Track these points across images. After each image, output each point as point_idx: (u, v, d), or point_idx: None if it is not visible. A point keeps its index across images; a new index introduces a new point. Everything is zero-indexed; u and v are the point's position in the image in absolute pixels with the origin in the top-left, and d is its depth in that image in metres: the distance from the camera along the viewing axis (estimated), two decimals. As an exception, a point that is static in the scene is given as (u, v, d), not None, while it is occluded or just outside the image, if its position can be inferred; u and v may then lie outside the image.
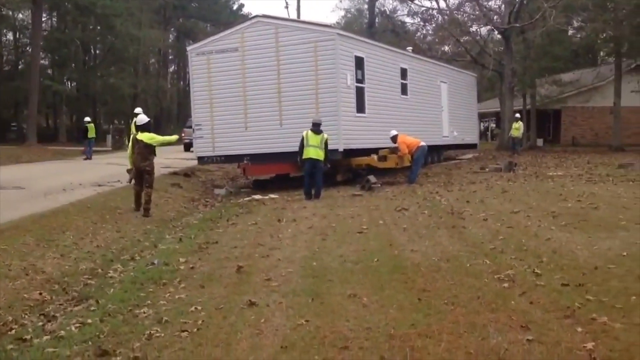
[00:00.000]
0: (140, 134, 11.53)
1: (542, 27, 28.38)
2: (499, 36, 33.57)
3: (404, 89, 19.54)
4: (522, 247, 7.20)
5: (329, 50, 15.38)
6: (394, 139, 15.99)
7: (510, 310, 4.93)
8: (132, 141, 11.93)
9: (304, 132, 13.34)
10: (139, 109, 19.14)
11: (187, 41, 50.59)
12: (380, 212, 10.67)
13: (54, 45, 43.74)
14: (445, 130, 23.35)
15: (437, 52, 35.40)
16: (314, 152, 13.16)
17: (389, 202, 11.98)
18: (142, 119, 11.89)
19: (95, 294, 6.40)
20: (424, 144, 16.25)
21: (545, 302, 5.11)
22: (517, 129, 27.39)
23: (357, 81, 16.35)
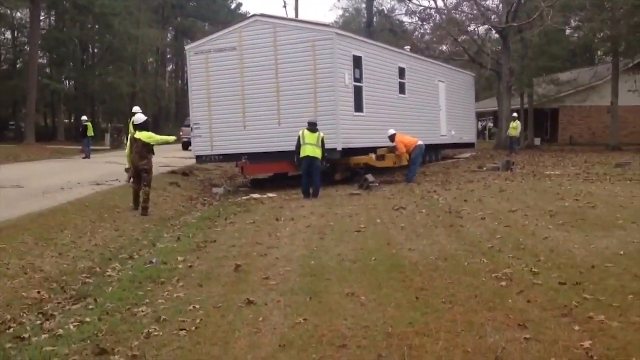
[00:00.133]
0: (138, 133, 11.54)
1: (539, 26, 28.40)
2: (496, 35, 33.59)
3: (402, 88, 19.55)
4: (520, 246, 7.22)
5: (327, 49, 15.39)
6: (392, 137, 16.00)
7: (507, 308, 4.95)
8: (130, 140, 11.93)
9: (300, 131, 13.35)
10: (136, 108, 19.15)
11: (185, 40, 50.65)
12: (378, 211, 10.68)
13: (52, 44, 43.70)
14: (443, 129, 23.39)
15: (435, 52, 35.44)
16: (311, 150, 13.17)
17: (386, 201, 11.99)
18: (140, 118, 11.89)
19: (93, 292, 6.41)
20: (421, 143, 16.28)
21: (542, 300, 5.12)
22: (514, 128, 27.44)
23: (355, 80, 16.36)
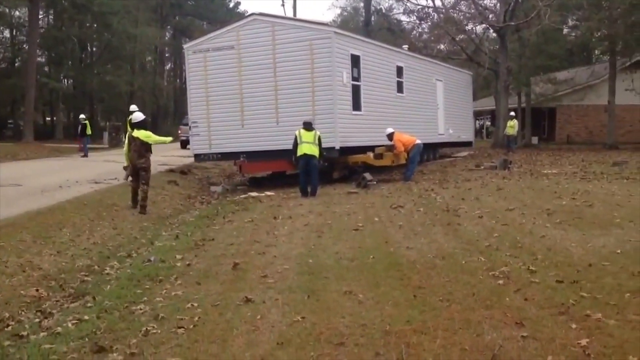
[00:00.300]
0: (136, 132, 11.54)
1: (537, 25, 28.42)
2: (494, 34, 33.58)
3: (400, 87, 19.55)
4: (517, 245, 7.24)
5: (325, 48, 15.39)
6: (390, 136, 16.00)
7: (505, 307, 4.96)
8: (128, 138, 11.95)
9: (297, 131, 13.35)
10: (134, 106, 19.17)
11: (184, 39, 50.60)
12: (376, 210, 10.69)
13: (51, 42, 43.67)
14: (440, 128, 23.40)
15: (433, 51, 35.45)
16: (308, 148, 13.17)
17: (384, 200, 12.01)
18: (138, 117, 11.90)
19: (91, 290, 6.42)
20: (419, 142, 16.28)
21: (539, 298, 5.13)
22: (512, 127, 27.45)
23: (353, 79, 16.36)
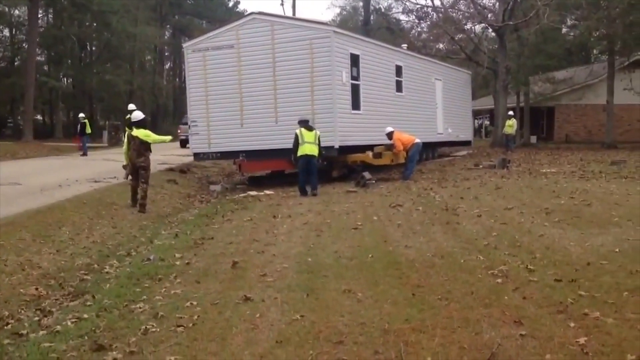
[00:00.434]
0: (135, 131, 11.56)
1: (535, 25, 28.43)
2: (493, 34, 33.60)
3: (399, 87, 19.56)
4: (516, 243, 7.25)
5: (324, 47, 15.39)
6: (390, 135, 16.00)
7: (503, 305, 4.98)
8: (127, 137, 11.96)
9: (297, 130, 13.35)
10: (132, 105, 19.15)
11: (183, 38, 50.61)
12: (375, 209, 10.71)
13: (50, 41, 43.63)
14: (439, 127, 23.41)
15: (432, 50, 35.46)
16: (309, 149, 13.22)
17: (383, 199, 12.02)
18: (137, 116, 11.91)
19: (91, 289, 6.43)
20: (419, 141, 16.28)
21: (538, 297, 5.15)
22: (510, 126, 27.46)
23: (353, 78, 16.36)
